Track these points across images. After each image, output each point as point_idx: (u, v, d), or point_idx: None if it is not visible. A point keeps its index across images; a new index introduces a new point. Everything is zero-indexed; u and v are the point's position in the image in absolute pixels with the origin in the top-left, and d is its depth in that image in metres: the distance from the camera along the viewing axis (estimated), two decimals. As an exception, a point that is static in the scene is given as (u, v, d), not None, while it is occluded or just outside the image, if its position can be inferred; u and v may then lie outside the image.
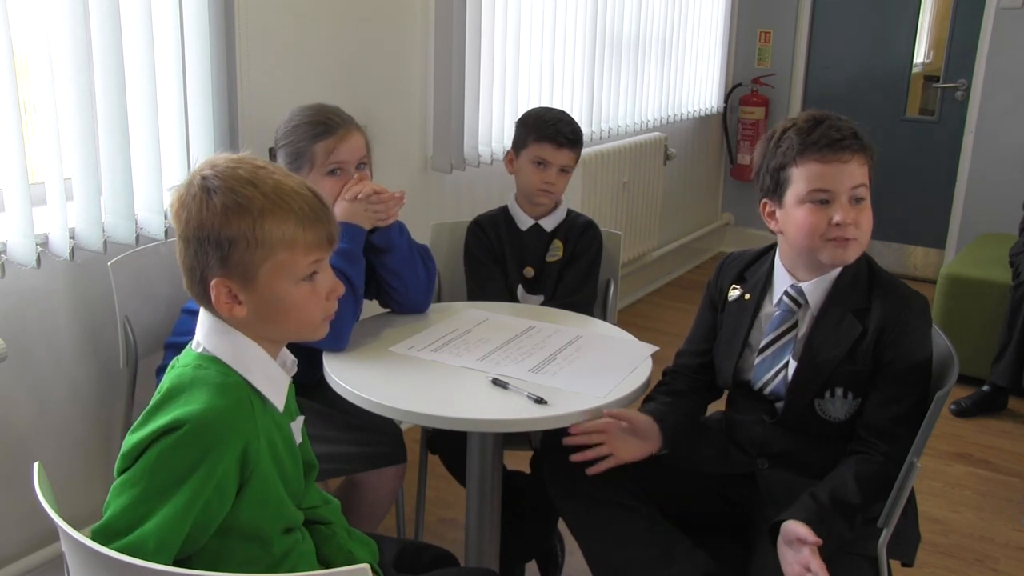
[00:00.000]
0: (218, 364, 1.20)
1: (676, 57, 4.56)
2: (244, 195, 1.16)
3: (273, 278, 1.19)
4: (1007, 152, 4.56)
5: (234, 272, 1.17)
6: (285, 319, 1.23)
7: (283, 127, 1.93)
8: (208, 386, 1.17)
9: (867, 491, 1.58)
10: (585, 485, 1.74)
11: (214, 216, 1.15)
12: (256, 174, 1.18)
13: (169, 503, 1.12)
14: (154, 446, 1.13)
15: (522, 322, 2.01)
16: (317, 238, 1.20)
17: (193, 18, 2.17)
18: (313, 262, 1.21)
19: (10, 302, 1.95)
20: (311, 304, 1.23)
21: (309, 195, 1.21)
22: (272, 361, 1.26)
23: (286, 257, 1.18)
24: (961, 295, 3.64)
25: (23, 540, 2.08)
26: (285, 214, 1.17)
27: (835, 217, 1.61)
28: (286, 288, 1.20)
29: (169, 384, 1.19)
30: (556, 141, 2.24)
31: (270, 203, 1.16)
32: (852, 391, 1.66)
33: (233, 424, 1.17)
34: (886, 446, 1.62)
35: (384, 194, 1.89)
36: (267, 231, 1.16)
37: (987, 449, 3.21)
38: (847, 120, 1.66)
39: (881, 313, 1.64)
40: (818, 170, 1.61)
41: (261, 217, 1.16)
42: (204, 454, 1.13)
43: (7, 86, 1.80)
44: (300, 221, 1.18)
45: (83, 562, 1.11)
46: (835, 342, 1.65)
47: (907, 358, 1.63)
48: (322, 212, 1.22)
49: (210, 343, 1.22)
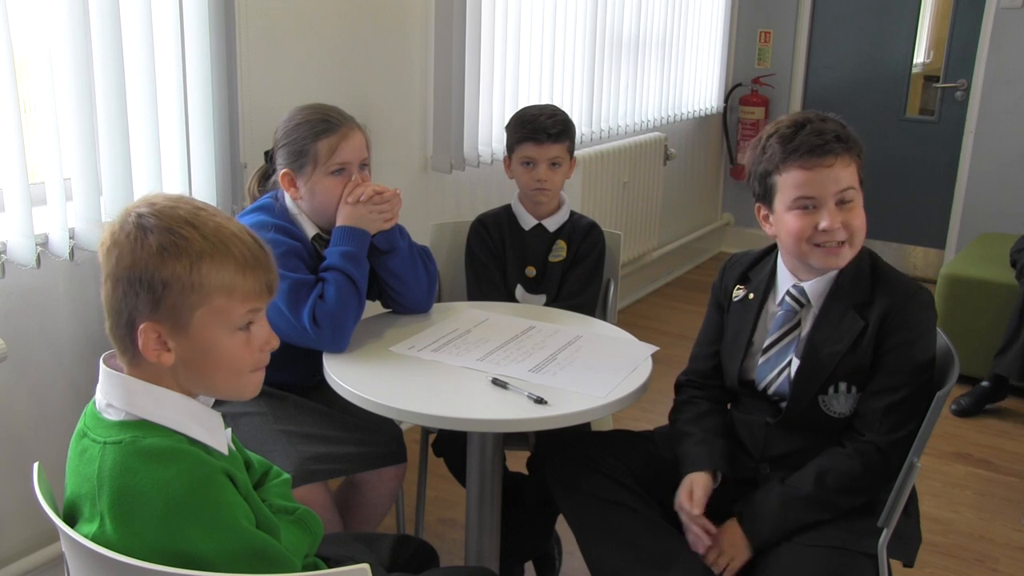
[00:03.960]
0: (150, 427, 1.13)
1: (676, 57, 4.56)
2: (182, 235, 1.09)
3: (207, 325, 1.12)
4: (1007, 152, 4.56)
5: (166, 317, 1.10)
6: (214, 370, 1.16)
7: (282, 127, 1.92)
8: (162, 460, 1.09)
9: (825, 483, 1.61)
10: (587, 484, 1.75)
11: (149, 256, 1.09)
12: (196, 215, 1.12)
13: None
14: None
15: (522, 322, 2.01)
16: (257, 286, 1.15)
17: (193, 18, 2.17)
18: (250, 311, 1.15)
19: (10, 302, 1.95)
20: (243, 355, 1.17)
21: (251, 240, 1.15)
22: (201, 406, 1.18)
23: (222, 304, 1.12)
24: (961, 295, 3.64)
25: (23, 540, 2.08)
26: (224, 258, 1.11)
27: (821, 223, 1.60)
28: (219, 336, 1.14)
29: (117, 484, 1.08)
30: (536, 139, 2.22)
31: (209, 246, 1.10)
32: (856, 385, 1.66)
33: (210, 468, 1.13)
34: (872, 434, 1.62)
35: (386, 193, 1.89)
36: (204, 275, 1.10)
37: (987, 449, 3.21)
38: (833, 120, 1.65)
39: (884, 305, 1.64)
40: (801, 177, 1.61)
41: (199, 260, 1.10)
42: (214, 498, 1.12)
43: (7, 86, 1.80)
44: (240, 267, 1.12)
45: (83, 562, 1.11)
46: (837, 337, 1.65)
47: (906, 348, 1.63)
48: (263, 259, 1.16)
49: (134, 406, 1.13)
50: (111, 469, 1.09)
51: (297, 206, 1.92)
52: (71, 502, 1.16)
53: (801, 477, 1.65)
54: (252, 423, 1.85)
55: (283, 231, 1.86)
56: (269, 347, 1.20)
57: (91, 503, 1.10)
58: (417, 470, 2.30)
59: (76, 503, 1.14)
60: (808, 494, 1.61)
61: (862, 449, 1.62)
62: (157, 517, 1.07)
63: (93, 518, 1.10)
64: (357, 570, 1.04)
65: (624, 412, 1.83)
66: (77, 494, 1.14)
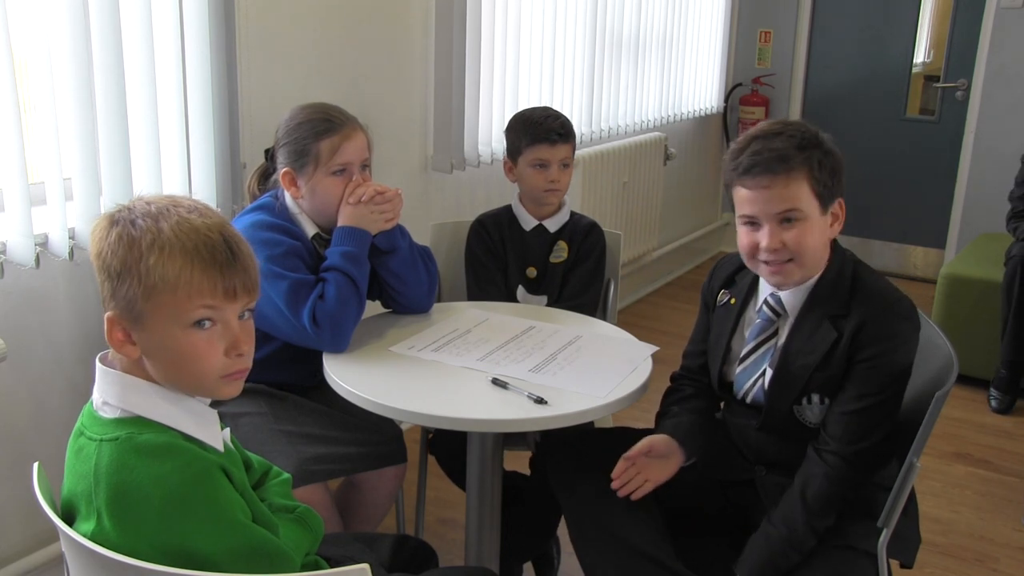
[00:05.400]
0: (145, 424, 1.13)
1: (676, 57, 4.56)
2: (140, 227, 1.11)
3: (158, 319, 1.12)
4: (1007, 152, 4.56)
5: (123, 308, 1.12)
6: (178, 367, 1.14)
7: (284, 126, 1.92)
8: (158, 455, 1.10)
9: (814, 508, 1.59)
10: (588, 486, 1.75)
11: (108, 246, 1.11)
12: (167, 210, 1.13)
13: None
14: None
15: (522, 322, 2.01)
16: (210, 284, 1.12)
17: (193, 18, 2.17)
18: (202, 307, 1.12)
19: (10, 302, 1.95)
20: (207, 357, 1.14)
21: (218, 239, 1.13)
22: (196, 402, 1.18)
23: (168, 298, 1.11)
24: (961, 295, 3.64)
25: (23, 540, 2.08)
26: (173, 251, 1.10)
27: (761, 242, 1.60)
28: (172, 332, 1.12)
29: (113, 480, 1.09)
30: (549, 139, 2.24)
31: (163, 239, 1.10)
32: (829, 396, 1.64)
33: (206, 463, 1.14)
34: (835, 444, 1.60)
35: (387, 193, 1.89)
36: (151, 266, 1.10)
37: (987, 449, 3.21)
38: (786, 136, 1.58)
39: (859, 316, 1.60)
40: (743, 195, 1.61)
41: (149, 252, 1.10)
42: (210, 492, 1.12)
43: (7, 86, 1.80)
44: (190, 261, 1.10)
45: (83, 562, 1.11)
46: (809, 349, 1.64)
47: (880, 359, 1.59)
48: (225, 260, 1.13)
49: (129, 402, 1.14)
50: (107, 466, 1.10)
51: (297, 205, 1.92)
52: (67, 500, 1.16)
53: (781, 516, 1.62)
54: (252, 423, 1.85)
55: (283, 230, 1.86)
56: (235, 352, 1.16)
57: (87, 500, 1.11)
58: (417, 470, 2.30)
59: (72, 501, 1.14)
60: (786, 537, 1.59)
61: (831, 463, 1.60)
62: (154, 513, 1.08)
63: (90, 515, 1.10)
64: (357, 570, 1.04)
65: (624, 412, 1.83)
66: (73, 492, 1.14)
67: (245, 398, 1.84)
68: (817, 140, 1.60)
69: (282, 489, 1.39)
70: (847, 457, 1.59)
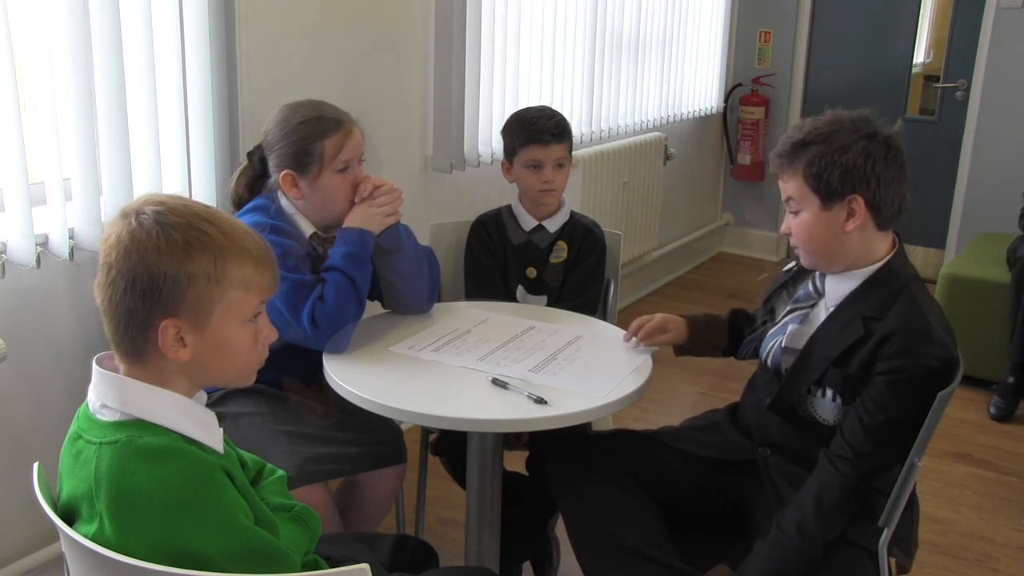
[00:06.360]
0: (145, 427, 1.13)
1: (676, 57, 4.56)
2: (204, 231, 1.13)
3: (224, 318, 1.16)
4: (1007, 152, 4.56)
5: (188, 311, 1.13)
6: (231, 360, 1.20)
7: (276, 128, 1.88)
8: (159, 458, 1.10)
9: (830, 519, 1.58)
10: (588, 487, 1.75)
11: (175, 251, 1.11)
12: (211, 212, 1.17)
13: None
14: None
15: (522, 322, 2.01)
16: (268, 280, 1.20)
17: (193, 18, 2.17)
18: (259, 302, 1.21)
19: (10, 302, 1.95)
20: (254, 348, 1.22)
21: (258, 237, 1.21)
22: (195, 404, 1.20)
23: (239, 297, 1.17)
24: (961, 295, 3.63)
25: (23, 540, 2.08)
26: (242, 253, 1.16)
27: None
28: (233, 329, 1.18)
29: (114, 484, 1.09)
30: (543, 140, 2.22)
31: (229, 241, 1.15)
32: (842, 396, 1.64)
33: (208, 465, 1.14)
34: (853, 454, 1.58)
35: (385, 186, 1.89)
36: (227, 269, 1.14)
37: (987, 449, 3.21)
38: (810, 127, 1.67)
39: (891, 325, 1.58)
40: None
41: (222, 255, 1.14)
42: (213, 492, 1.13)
43: (7, 86, 1.80)
44: (255, 262, 1.18)
45: (83, 562, 1.11)
46: (834, 340, 1.65)
47: (897, 374, 1.56)
48: (270, 255, 1.22)
49: (130, 405, 1.14)
50: (108, 469, 1.10)
51: (294, 206, 1.91)
52: (67, 505, 1.15)
53: (795, 525, 1.60)
54: (252, 423, 1.85)
55: (281, 232, 1.85)
56: (269, 340, 1.24)
57: (89, 504, 1.11)
58: (417, 470, 2.30)
59: (73, 505, 1.14)
60: (800, 548, 1.58)
61: (846, 473, 1.58)
62: (156, 516, 1.08)
63: (92, 519, 1.10)
64: (357, 570, 1.04)
65: (624, 412, 1.83)
66: (74, 496, 1.14)
67: (245, 398, 1.84)
68: (828, 136, 1.63)
69: (278, 487, 1.40)
70: (863, 469, 1.59)
